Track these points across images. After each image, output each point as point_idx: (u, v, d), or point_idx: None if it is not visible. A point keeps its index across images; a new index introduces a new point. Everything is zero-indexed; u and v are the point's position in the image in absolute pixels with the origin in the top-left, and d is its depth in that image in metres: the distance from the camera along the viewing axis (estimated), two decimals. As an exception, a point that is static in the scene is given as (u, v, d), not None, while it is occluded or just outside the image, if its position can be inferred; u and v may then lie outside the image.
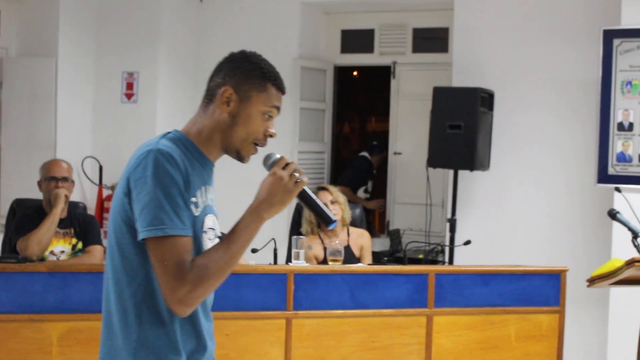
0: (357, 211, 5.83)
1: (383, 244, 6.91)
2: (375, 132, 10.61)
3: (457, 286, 4.83)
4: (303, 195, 2.31)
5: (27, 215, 5.02)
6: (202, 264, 2.13)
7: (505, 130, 6.48)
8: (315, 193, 5.55)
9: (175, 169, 2.15)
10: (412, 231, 7.12)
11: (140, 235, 2.13)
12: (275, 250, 5.00)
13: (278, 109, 2.36)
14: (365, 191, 7.50)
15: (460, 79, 6.59)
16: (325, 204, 5.42)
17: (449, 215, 6.50)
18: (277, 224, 7.15)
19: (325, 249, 5.41)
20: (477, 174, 6.42)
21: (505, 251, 6.34)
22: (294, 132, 7.24)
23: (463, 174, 6.42)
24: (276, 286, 4.61)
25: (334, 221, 2.34)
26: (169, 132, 2.31)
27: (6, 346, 4.30)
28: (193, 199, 2.22)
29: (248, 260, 5.32)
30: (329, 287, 4.69)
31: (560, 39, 6.40)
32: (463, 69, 6.61)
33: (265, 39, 7.29)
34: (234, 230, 2.21)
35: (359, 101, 13.39)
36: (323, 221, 2.33)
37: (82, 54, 7.12)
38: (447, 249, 6.38)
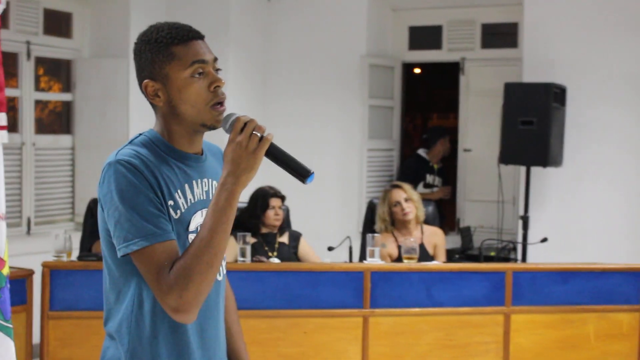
0: (430, 209, 5.80)
1: (454, 241, 6.86)
2: (430, 128, 10.53)
3: (535, 284, 4.79)
4: (270, 152, 2.03)
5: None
6: (181, 264, 1.95)
7: (578, 125, 6.39)
8: (389, 191, 5.55)
9: (138, 177, 2.00)
10: (482, 228, 7.06)
11: (119, 253, 2.00)
12: (350, 248, 5.00)
13: (202, 61, 2.09)
14: (427, 186, 7.41)
15: (530, 75, 6.51)
16: (399, 202, 5.47)
17: (520, 212, 6.44)
18: (350, 222, 7.19)
19: (399, 246, 5.39)
20: (549, 170, 6.34)
21: (579, 249, 6.26)
22: (363, 129, 7.23)
23: (535, 170, 6.35)
24: (353, 284, 4.63)
25: (312, 173, 2.02)
26: (140, 134, 2.17)
27: (89, 342, 4.39)
28: (170, 202, 2.06)
29: (323, 258, 5.34)
30: (406, 285, 4.69)
31: (633, 31, 6.29)
32: (534, 64, 6.53)
33: (333, 37, 7.30)
34: (207, 215, 1.99)
35: (420, 98, 13.36)
36: (299, 176, 2.02)
37: (153, 55, 7.19)
38: (519, 247, 6.31)
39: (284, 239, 5.46)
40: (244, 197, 5.62)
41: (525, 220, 6.25)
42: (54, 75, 6.99)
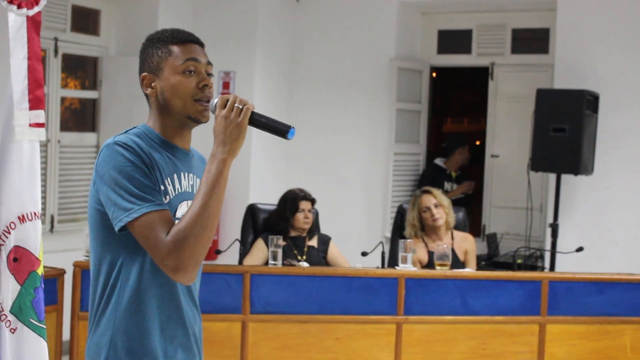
0: (461, 214, 5.73)
1: (480, 247, 6.79)
2: (449, 136, 10.43)
3: (571, 294, 4.72)
4: (253, 120, 2.21)
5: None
6: (178, 227, 2.12)
7: (610, 133, 6.31)
8: (419, 197, 5.47)
9: (133, 154, 2.18)
10: (509, 235, 6.99)
11: (116, 227, 2.16)
12: (383, 253, 4.93)
13: (195, 59, 2.31)
14: (445, 193, 7.32)
15: (562, 81, 6.43)
16: (429, 208, 5.40)
17: (548, 220, 6.36)
18: (376, 225, 7.13)
19: (429, 252, 5.33)
20: (580, 178, 6.26)
21: (609, 258, 6.19)
22: (390, 133, 7.16)
23: (565, 177, 6.27)
24: (387, 290, 4.57)
25: (291, 128, 2.20)
26: (134, 127, 2.34)
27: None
28: (161, 187, 2.24)
29: (352, 263, 5.28)
30: (440, 293, 4.63)
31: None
32: (566, 70, 6.46)
33: (362, 40, 7.24)
34: (201, 184, 2.17)
35: (436, 102, 13.30)
36: (281, 133, 2.20)
37: (180, 54, 7.15)
38: (547, 255, 6.24)
39: (313, 242, 5.40)
40: (274, 199, 5.59)
41: (554, 228, 6.17)
42: (71, 72, 6.94)
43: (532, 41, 7.32)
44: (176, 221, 2.19)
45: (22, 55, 3.74)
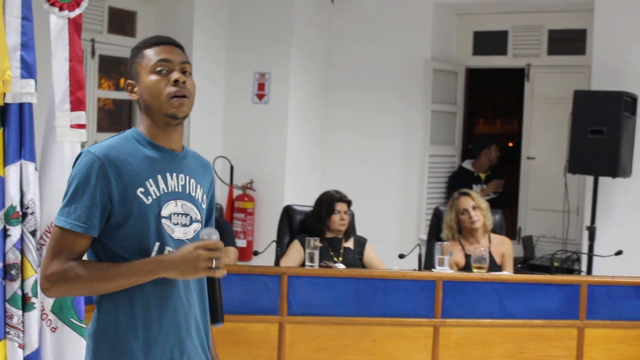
0: (497, 217, 5.69)
1: (515, 250, 6.73)
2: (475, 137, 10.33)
3: (610, 298, 4.67)
4: (210, 282, 2.32)
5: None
6: (66, 269, 2.24)
7: (649, 135, 6.24)
8: (456, 199, 5.45)
9: (94, 170, 2.27)
10: (544, 238, 6.93)
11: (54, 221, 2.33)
12: (420, 256, 4.92)
13: (166, 59, 2.37)
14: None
15: (599, 82, 6.37)
16: (466, 210, 5.37)
17: (585, 223, 6.30)
18: (411, 227, 7.11)
19: (466, 255, 5.30)
20: (618, 180, 6.19)
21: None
22: (425, 135, 7.14)
23: (603, 180, 6.20)
24: (424, 293, 4.55)
25: (220, 322, 2.32)
26: (122, 132, 2.45)
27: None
28: (140, 189, 2.31)
29: (389, 265, 5.26)
30: (478, 296, 4.60)
31: None
32: (603, 71, 6.39)
33: (397, 41, 7.22)
34: (126, 264, 2.26)
35: (469, 103, 13.23)
36: (213, 316, 2.33)
37: (215, 55, 7.18)
38: (584, 258, 6.18)
39: (349, 244, 5.39)
40: (309, 201, 5.58)
41: (591, 231, 6.11)
42: (105, 73, 6.98)
43: (568, 42, 7.25)
44: (162, 220, 2.32)
45: (64, 57, 3.78)
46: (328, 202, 5.35)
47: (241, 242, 6.89)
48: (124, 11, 6.85)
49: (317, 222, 5.34)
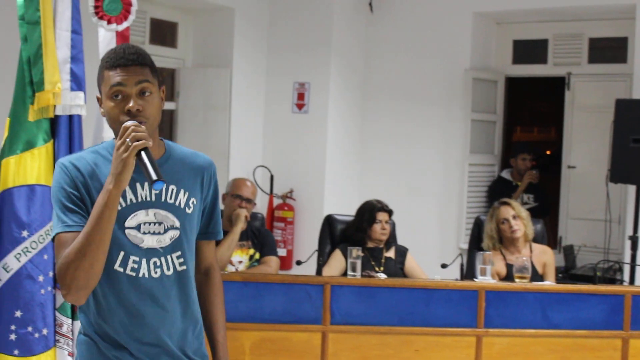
0: (539, 227, 5.67)
1: (556, 259, 6.69)
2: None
3: (656, 308, 4.63)
4: (139, 158, 2.25)
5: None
6: (63, 254, 2.26)
7: (691, 144, 6.18)
8: (497, 208, 5.43)
9: (67, 176, 2.33)
10: (586, 247, 6.89)
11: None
12: (462, 265, 4.91)
13: (119, 84, 2.33)
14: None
15: (641, 91, 6.35)
16: (507, 219, 5.36)
17: (628, 232, 6.25)
18: (451, 237, 7.10)
19: (507, 264, 5.29)
20: (660, 189, 6.14)
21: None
22: (465, 144, 7.14)
23: (645, 189, 6.16)
24: (467, 303, 4.54)
25: (155, 181, 2.22)
26: (101, 142, 2.55)
27: (201, 353, 4.37)
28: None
29: (434, 275, 5.26)
30: (521, 305, 4.58)
31: None
32: (645, 80, 6.37)
33: (436, 50, 7.23)
34: (92, 212, 2.28)
35: (507, 110, 13.18)
36: (150, 179, 2.23)
37: (255, 65, 7.24)
38: (626, 268, 6.13)
39: (391, 253, 5.39)
40: (348, 210, 5.60)
41: (634, 240, 6.06)
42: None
43: (609, 50, 7.22)
44: (127, 231, 2.36)
45: (112, 69, 3.82)
46: (369, 211, 5.36)
47: (281, 251, 6.93)
48: (165, 22, 6.93)
49: (359, 232, 5.35)
